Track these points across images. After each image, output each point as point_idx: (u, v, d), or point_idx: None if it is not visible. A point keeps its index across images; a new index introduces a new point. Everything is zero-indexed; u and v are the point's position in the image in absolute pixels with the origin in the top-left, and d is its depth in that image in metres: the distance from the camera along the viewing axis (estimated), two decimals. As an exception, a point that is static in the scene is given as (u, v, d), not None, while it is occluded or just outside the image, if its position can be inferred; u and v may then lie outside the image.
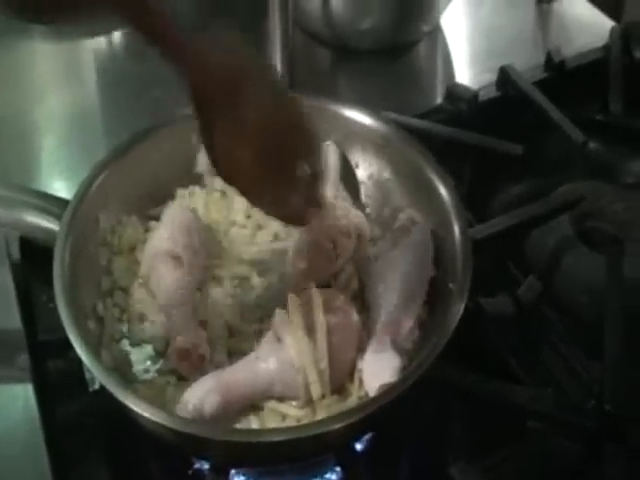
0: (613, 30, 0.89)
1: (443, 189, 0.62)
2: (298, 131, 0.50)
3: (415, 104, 0.83)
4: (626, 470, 0.54)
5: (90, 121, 0.84)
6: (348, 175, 0.68)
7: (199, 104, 0.48)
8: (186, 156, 0.67)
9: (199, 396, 0.53)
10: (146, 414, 0.49)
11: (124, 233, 0.63)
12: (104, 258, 0.62)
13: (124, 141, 0.65)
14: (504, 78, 0.83)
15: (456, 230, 0.59)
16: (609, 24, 0.91)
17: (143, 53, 0.49)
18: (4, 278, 0.65)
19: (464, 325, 0.53)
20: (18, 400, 0.58)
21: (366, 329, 0.58)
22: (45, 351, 0.62)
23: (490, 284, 0.66)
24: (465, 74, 0.89)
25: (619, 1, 0.94)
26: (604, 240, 0.72)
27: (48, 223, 0.61)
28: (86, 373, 0.59)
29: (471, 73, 0.89)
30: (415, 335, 0.58)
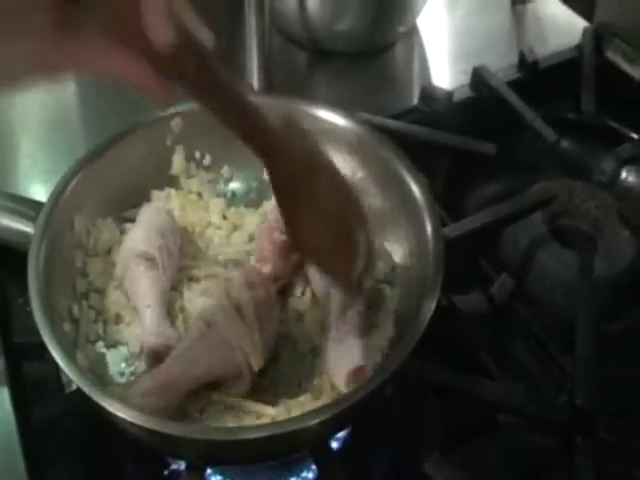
0: (585, 30, 0.91)
1: (416, 188, 0.62)
2: (354, 206, 0.57)
3: (392, 105, 0.84)
4: (596, 463, 0.55)
5: (67, 123, 0.84)
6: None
7: (279, 185, 0.54)
8: (161, 158, 0.67)
9: (139, 402, 0.52)
10: (121, 414, 0.49)
11: (99, 235, 0.63)
12: (79, 260, 0.62)
13: (99, 143, 0.65)
14: (477, 79, 0.83)
15: (429, 228, 0.60)
16: (582, 24, 0.93)
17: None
18: (-21, 282, 0.64)
19: (438, 322, 0.54)
20: (-6, 403, 0.58)
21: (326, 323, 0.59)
22: (21, 354, 0.62)
23: (463, 282, 0.67)
24: (441, 75, 0.90)
25: (592, 2, 0.94)
26: (576, 238, 0.73)
27: (23, 226, 0.62)
28: (62, 376, 0.59)
29: (447, 74, 0.90)
30: (390, 333, 0.59)
